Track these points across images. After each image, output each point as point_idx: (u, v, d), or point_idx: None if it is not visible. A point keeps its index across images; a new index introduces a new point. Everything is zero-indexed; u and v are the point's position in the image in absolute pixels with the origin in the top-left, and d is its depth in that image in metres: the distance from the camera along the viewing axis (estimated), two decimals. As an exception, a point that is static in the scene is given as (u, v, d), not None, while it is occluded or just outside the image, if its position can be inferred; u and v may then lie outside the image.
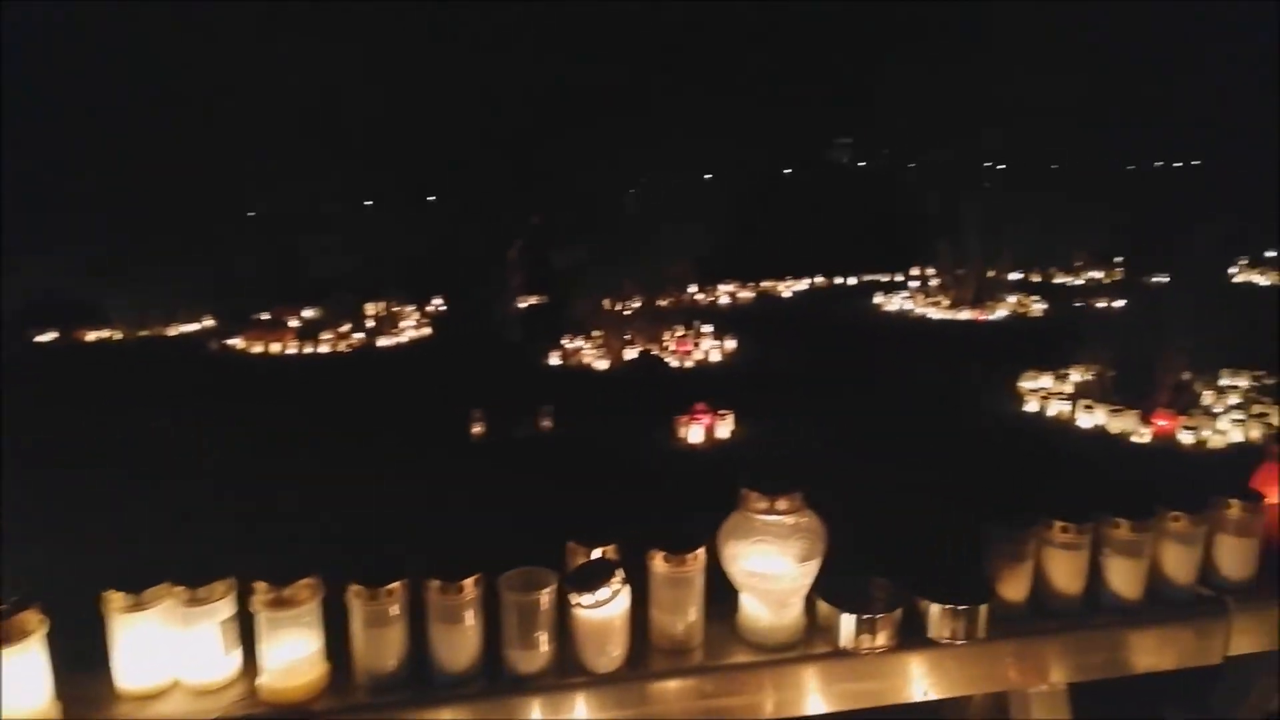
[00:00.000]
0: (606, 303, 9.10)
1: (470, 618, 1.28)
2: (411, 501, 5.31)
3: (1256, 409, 6.32)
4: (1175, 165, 10.06)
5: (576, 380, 8.41)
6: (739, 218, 10.04)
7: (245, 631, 1.28)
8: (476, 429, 6.49)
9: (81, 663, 1.28)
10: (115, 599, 1.24)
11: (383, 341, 10.19)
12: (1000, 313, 10.91)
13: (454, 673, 1.29)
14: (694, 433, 6.33)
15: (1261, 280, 12.13)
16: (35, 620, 1.18)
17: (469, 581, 1.27)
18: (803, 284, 13.59)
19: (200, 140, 10.50)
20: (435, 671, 1.29)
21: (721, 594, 1.46)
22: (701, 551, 1.36)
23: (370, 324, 10.56)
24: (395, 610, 1.26)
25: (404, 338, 10.47)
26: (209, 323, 11.18)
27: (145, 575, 1.26)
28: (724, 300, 12.61)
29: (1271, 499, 1.61)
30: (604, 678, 1.33)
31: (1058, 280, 12.52)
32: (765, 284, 13.31)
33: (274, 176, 10.99)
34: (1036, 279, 12.72)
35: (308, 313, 11.04)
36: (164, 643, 1.25)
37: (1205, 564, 1.59)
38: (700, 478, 5.30)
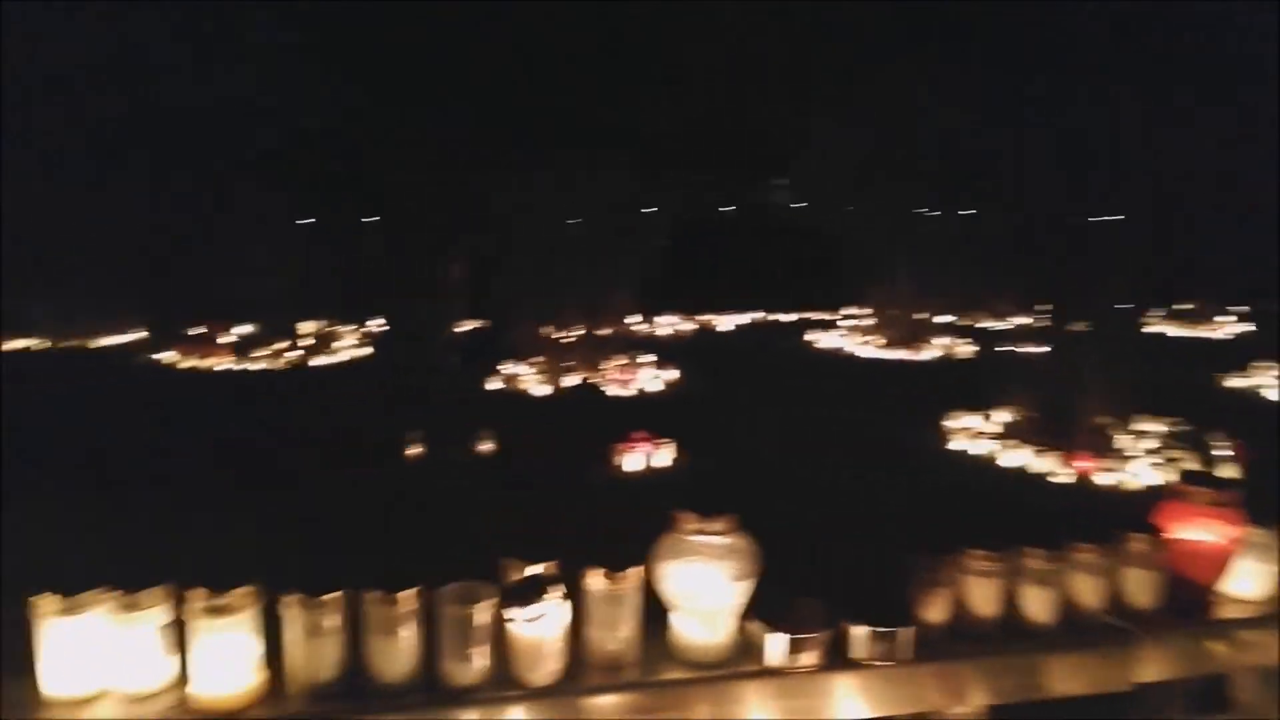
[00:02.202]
0: (547, 330, 9.12)
1: (408, 630, 1.29)
2: (352, 517, 5.24)
3: (1170, 455, 6.59)
4: (1095, 219, 10.57)
5: (516, 405, 8.38)
6: (681, 252, 10.17)
7: (183, 639, 1.27)
8: (414, 450, 6.42)
9: (5, 668, 1.26)
10: (46, 603, 1.22)
11: (317, 361, 10.03)
12: (931, 353, 11.23)
13: (390, 684, 1.30)
14: (632, 460, 6.35)
15: (1170, 331, 12.71)
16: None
17: (408, 594, 1.28)
18: (742, 319, 13.80)
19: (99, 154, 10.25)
20: (371, 683, 1.30)
21: (656, 614, 1.49)
22: (638, 570, 1.40)
23: (307, 342, 10.39)
24: (333, 621, 1.27)
25: (342, 357, 10.32)
26: (140, 334, 10.85)
27: (79, 580, 1.24)
28: (665, 332, 12.73)
29: (1173, 535, 1.71)
30: (539, 691, 1.35)
31: (984, 324, 12.95)
32: (705, 317, 13.48)
33: (209, 192, 10.78)
34: (966, 323, 13.14)
35: (242, 329, 10.82)
36: (96, 649, 1.24)
37: (1114, 595, 1.68)
38: (638, 504, 5.33)
